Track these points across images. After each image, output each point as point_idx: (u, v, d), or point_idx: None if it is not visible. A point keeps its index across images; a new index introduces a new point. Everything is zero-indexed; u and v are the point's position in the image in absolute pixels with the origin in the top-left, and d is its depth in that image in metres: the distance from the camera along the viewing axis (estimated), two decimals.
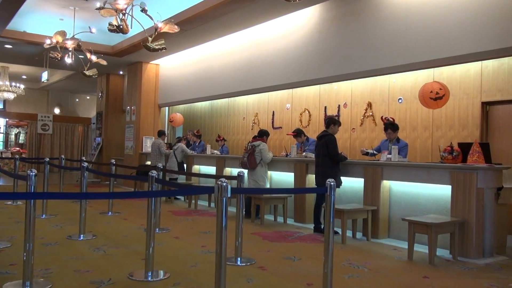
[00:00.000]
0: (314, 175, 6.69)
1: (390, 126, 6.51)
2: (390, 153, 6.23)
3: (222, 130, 11.80)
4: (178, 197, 10.19)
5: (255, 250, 5.09)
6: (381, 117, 7.06)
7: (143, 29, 7.49)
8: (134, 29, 8.35)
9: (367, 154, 6.71)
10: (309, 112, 9.29)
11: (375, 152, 6.67)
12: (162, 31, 6.89)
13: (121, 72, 14.83)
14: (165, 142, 11.42)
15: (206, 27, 9.37)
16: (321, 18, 8.11)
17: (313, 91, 9.22)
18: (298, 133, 7.94)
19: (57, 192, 6.96)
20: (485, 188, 5.04)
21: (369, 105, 8.08)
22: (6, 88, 16.23)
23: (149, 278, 3.88)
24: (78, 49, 9.41)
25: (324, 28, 8.09)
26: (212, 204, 9.10)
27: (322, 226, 6.36)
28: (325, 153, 6.30)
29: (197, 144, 10.95)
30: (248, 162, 7.49)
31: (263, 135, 7.83)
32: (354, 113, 8.38)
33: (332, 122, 6.48)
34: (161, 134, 10.92)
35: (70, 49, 9.13)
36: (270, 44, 9.29)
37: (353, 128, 8.35)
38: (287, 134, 8.82)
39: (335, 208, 3.62)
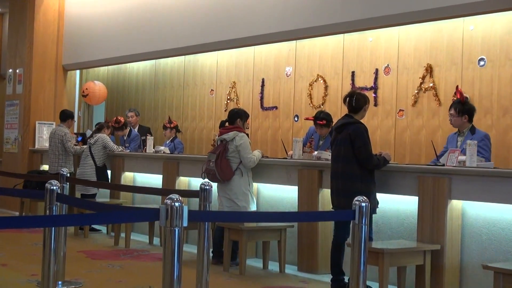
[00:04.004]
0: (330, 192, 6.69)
1: (457, 105, 6.57)
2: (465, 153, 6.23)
3: (174, 112, 11.77)
4: (96, 227, 10.14)
5: None
6: (457, 91, 7.06)
7: None
8: None
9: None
10: (324, 81, 9.31)
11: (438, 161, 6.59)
12: None
13: None
14: (74, 132, 11.34)
15: None
16: None
17: (332, 46, 9.24)
18: (327, 121, 7.69)
19: None
20: None
21: (429, 69, 8.11)
22: None
23: None
24: None
25: None
26: (156, 240, 9.09)
27: (346, 279, 6.38)
28: (349, 155, 6.29)
29: (125, 137, 10.83)
30: (218, 169, 7.35)
31: (235, 118, 7.60)
32: (402, 84, 8.42)
33: (363, 100, 6.47)
34: (66, 117, 10.80)
35: None
36: None
37: (400, 110, 8.38)
38: (305, 119, 8.71)
39: (368, 248, 3.62)
